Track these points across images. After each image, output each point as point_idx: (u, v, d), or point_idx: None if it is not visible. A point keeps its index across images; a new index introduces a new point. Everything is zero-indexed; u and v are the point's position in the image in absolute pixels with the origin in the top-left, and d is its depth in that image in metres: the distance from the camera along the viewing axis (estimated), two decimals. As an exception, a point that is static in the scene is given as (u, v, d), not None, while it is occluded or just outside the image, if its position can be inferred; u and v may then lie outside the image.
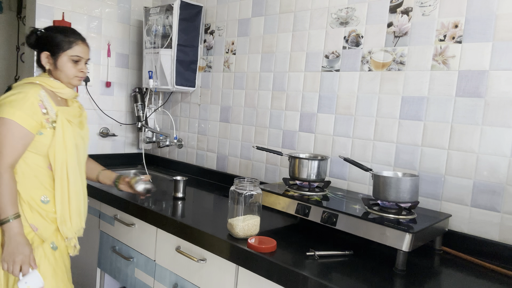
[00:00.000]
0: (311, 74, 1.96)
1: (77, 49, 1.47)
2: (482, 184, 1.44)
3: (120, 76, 2.77)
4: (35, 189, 1.41)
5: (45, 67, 1.46)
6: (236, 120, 2.32)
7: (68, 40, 1.45)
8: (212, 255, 1.47)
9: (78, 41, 1.47)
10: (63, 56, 1.44)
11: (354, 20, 1.80)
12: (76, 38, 1.47)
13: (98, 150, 2.71)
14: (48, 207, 1.43)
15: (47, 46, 1.44)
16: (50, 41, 1.44)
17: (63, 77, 1.47)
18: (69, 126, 1.45)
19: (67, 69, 1.46)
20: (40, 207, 1.41)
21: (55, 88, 1.47)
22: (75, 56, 1.46)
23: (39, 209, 1.41)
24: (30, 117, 1.34)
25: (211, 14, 2.48)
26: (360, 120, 1.78)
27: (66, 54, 1.45)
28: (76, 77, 1.49)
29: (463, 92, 1.49)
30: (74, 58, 1.46)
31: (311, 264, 1.24)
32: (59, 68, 1.45)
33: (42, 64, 1.47)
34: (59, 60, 1.44)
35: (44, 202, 1.42)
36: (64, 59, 1.45)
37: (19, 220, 1.34)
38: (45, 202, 1.43)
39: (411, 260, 1.33)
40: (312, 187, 1.66)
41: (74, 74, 1.48)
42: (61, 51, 1.44)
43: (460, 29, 1.49)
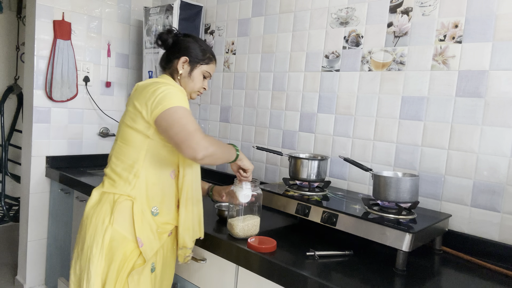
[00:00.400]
0: (311, 74, 1.96)
1: (211, 67, 1.47)
2: (482, 184, 1.44)
3: (120, 76, 2.77)
4: (149, 199, 1.32)
5: (177, 70, 1.41)
6: (236, 120, 2.32)
7: (208, 56, 1.45)
8: (212, 255, 1.47)
9: (214, 60, 1.48)
10: (199, 67, 1.43)
11: (354, 20, 1.80)
12: (213, 56, 1.48)
13: (98, 150, 2.71)
14: (157, 219, 1.34)
15: (187, 52, 1.41)
16: (191, 49, 1.42)
17: (189, 87, 1.43)
18: None
19: (198, 81, 1.44)
20: (151, 219, 1.32)
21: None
22: (208, 72, 1.46)
23: (150, 220, 1.32)
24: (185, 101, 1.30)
25: (211, 14, 2.48)
26: (360, 120, 1.78)
27: (202, 67, 1.44)
28: (198, 91, 1.47)
29: (463, 92, 1.49)
30: (206, 74, 1.46)
31: (311, 264, 1.24)
32: (192, 77, 1.42)
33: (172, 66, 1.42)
34: (195, 70, 1.43)
35: (153, 213, 1.33)
36: (199, 71, 1.43)
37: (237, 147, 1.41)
38: (155, 214, 1.33)
39: (411, 260, 1.33)
40: (312, 187, 1.66)
41: (198, 88, 1.46)
42: (199, 62, 1.43)
43: (460, 29, 1.49)
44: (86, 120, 2.63)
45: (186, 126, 1.21)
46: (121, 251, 1.27)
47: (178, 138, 1.20)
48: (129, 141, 1.31)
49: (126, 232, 1.28)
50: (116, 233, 1.27)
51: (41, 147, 2.44)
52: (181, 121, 1.21)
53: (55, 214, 2.49)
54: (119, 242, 1.27)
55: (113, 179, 1.32)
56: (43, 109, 2.42)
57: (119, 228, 1.27)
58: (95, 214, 1.31)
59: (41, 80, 2.40)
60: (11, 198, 3.73)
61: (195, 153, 1.18)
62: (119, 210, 1.28)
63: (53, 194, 2.50)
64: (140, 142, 1.30)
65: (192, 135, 1.19)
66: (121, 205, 1.28)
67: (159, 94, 1.25)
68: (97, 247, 1.26)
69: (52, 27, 2.40)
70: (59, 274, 2.43)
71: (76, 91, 2.52)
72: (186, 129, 1.20)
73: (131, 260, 1.28)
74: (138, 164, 1.30)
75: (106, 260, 1.26)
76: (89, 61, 2.60)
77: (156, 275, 1.37)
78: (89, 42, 2.58)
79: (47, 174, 2.47)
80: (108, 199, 1.31)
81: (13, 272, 2.88)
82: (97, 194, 1.35)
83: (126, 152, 1.32)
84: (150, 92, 1.27)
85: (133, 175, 1.30)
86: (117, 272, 1.26)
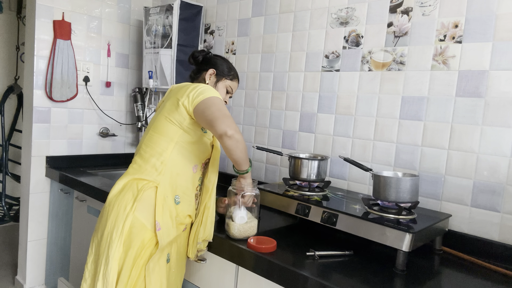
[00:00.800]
0: (311, 74, 1.96)
1: (234, 84, 1.62)
2: (482, 184, 1.44)
3: (120, 76, 2.77)
4: (173, 187, 1.39)
5: (205, 80, 1.56)
6: (236, 120, 2.32)
7: (233, 73, 1.61)
8: (212, 255, 1.47)
9: (237, 78, 1.64)
10: (224, 81, 1.58)
11: (354, 20, 1.80)
12: (237, 75, 1.64)
13: (98, 150, 2.71)
14: (178, 208, 1.39)
15: (215, 66, 1.57)
16: (219, 65, 1.59)
17: None
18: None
19: (221, 93, 1.57)
20: (173, 206, 1.38)
21: None
22: (230, 88, 1.60)
23: (172, 207, 1.37)
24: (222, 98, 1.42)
25: (211, 14, 2.48)
26: (360, 120, 1.78)
27: (226, 82, 1.59)
28: None
29: (463, 92, 1.49)
30: (229, 89, 1.60)
31: (311, 264, 1.24)
32: (217, 88, 1.57)
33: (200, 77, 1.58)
34: (220, 83, 1.57)
35: (176, 202, 1.39)
36: (223, 84, 1.58)
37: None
38: (177, 202, 1.40)
39: (411, 260, 1.33)
40: (312, 187, 1.66)
41: None
42: (225, 77, 1.58)
43: (460, 29, 1.49)
44: (86, 120, 2.63)
45: (223, 110, 1.32)
46: (140, 238, 1.30)
47: (214, 115, 1.29)
48: (162, 131, 1.39)
49: (145, 221, 1.32)
50: (137, 221, 1.31)
51: (41, 147, 2.44)
52: (219, 105, 1.33)
53: (55, 214, 2.49)
54: (138, 229, 1.31)
55: (140, 164, 1.40)
56: (43, 109, 2.42)
57: (139, 216, 1.32)
58: (117, 201, 1.36)
59: (41, 80, 2.40)
60: (11, 198, 3.73)
61: (227, 128, 1.27)
62: (142, 199, 1.33)
63: (53, 194, 2.50)
64: (173, 132, 1.38)
65: (227, 117, 1.31)
66: (144, 194, 1.33)
67: (200, 88, 1.38)
68: (117, 232, 1.30)
69: (52, 27, 2.40)
70: (59, 274, 2.44)
71: (76, 91, 2.52)
72: (223, 112, 1.31)
73: (148, 248, 1.32)
74: (166, 153, 1.37)
75: (124, 246, 1.30)
76: (89, 61, 2.60)
77: (171, 267, 1.41)
78: (89, 42, 2.58)
79: (47, 174, 2.47)
80: (131, 187, 1.36)
81: (13, 272, 2.88)
82: (121, 183, 1.40)
83: (157, 140, 1.39)
84: (191, 87, 1.39)
85: (160, 162, 1.37)
86: (134, 259, 1.30)
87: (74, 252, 2.29)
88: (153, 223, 1.32)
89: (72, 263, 2.31)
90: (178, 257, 1.44)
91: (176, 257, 1.43)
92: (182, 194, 1.41)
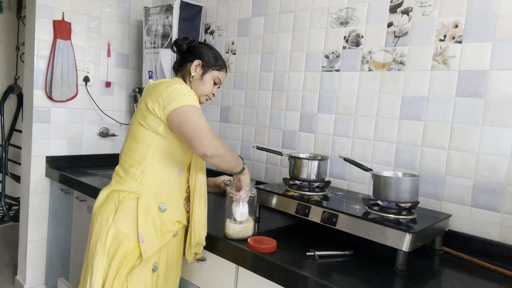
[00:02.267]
0: (311, 74, 1.96)
1: (222, 74, 1.51)
2: (482, 184, 1.44)
3: (120, 76, 2.77)
4: (157, 195, 1.34)
5: (190, 72, 1.45)
6: (236, 120, 2.32)
7: (220, 63, 1.49)
8: (212, 255, 1.47)
9: (225, 68, 1.53)
10: (211, 72, 1.47)
11: (354, 20, 1.80)
12: (225, 65, 1.53)
13: (98, 150, 2.71)
14: (164, 216, 1.35)
15: (200, 57, 1.46)
16: (204, 55, 1.47)
17: (200, 90, 1.46)
18: None
19: (208, 85, 1.47)
20: (157, 214, 1.33)
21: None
22: (218, 79, 1.50)
23: (155, 217, 1.33)
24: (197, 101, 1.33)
25: (211, 14, 2.48)
26: (360, 120, 1.78)
27: (213, 73, 1.47)
28: (207, 96, 1.49)
29: (463, 92, 1.49)
30: (216, 80, 1.49)
31: (311, 264, 1.24)
32: (203, 80, 1.46)
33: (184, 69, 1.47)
34: (206, 74, 1.46)
35: (161, 210, 1.35)
36: (210, 75, 1.47)
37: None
38: (162, 210, 1.35)
39: (411, 260, 1.33)
40: (312, 187, 1.66)
41: (208, 92, 1.48)
42: (211, 68, 1.47)
43: (460, 29, 1.49)
44: (86, 120, 2.63)
45: (199, 124, 1.25)
46: (122, 249, 1.29)
47: (191, 134, 1.23)
48: (138, 138, 1.34)
49: (128, 231, 1.30)
50: (119, 232, 1.30)
51: (41, 147, 2.44)
52: (194, 118, 1.25)
53: (55, 214, 2.49)
54: (121, 240, 1.29)
55: (120, 176, 1.36)
56: (43, 109, 2.42)
57: (122, 226, 1.30)
58: (100, 212, 1.34)
59: (41, 80, 2.39)
60: (11, 198, 3.73)
61: (206, 150, 1.22)
62: (123, 210, 1.31)
63: (53, 194, 2.50)
64: (149, 139, 1.32)
65: (205, 133, 1.24)
66: (125, 205, 1.31)
67: (172, 91, 1.29)
68: (100, 244, 1.29)
69: (52, 27, 2.40)
70: (59, 274, 2.43)
71: (76, 91, 2.52)
72: (200, 127, 1.24)
73: (132, 259, 1.30)
74: (145, 161, 1.33)
75: (108, 257, 1.29)
76: (89, 61, 2.60)
77: (159, 276, 1.38)
78: (89, 42, 2.58)
79: (47, 174, 2.47)
80: (113, 198, 1.34)
81: (13, 272, 2.88)
82: (104, 193, 1.38)
83: (135, 149, 1.34)
84: (162, 89, 1.31)
85: (140, 172, 1.33)
86: (117, 269, 1.29)
87: (74, 252, 2.29)
88: (136, 233, 1.30)
89: (72, 263, 2.31)
90: (168, 263, 1.41)
91: (165, 264, 1.39)
92: (168, 201, 1.37)
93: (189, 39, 1.50)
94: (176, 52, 1.51)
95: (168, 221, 1.36)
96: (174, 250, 1.43)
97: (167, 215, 1.36)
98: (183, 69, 1.47)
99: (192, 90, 1.41)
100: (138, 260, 1.31)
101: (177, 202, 1.40)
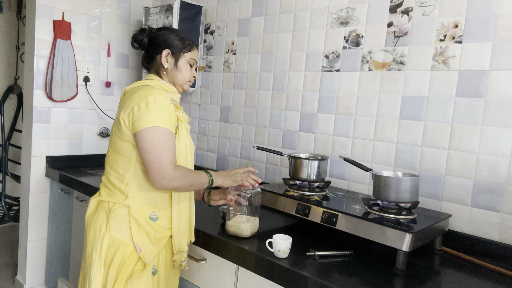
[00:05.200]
0: (311, 74, 1.96)
1: (195, 53, 1.41)
2: (482, 184, 1.44)
3: (120, 76, 2.77)
4: (146, 205, 1.30)
5: (162, 65, 1.37)
6: (236, 120, 2.32)
7: (188, 42, 1.39)
8: (212, 255, 1.47)
9: (195, 46, 1.43)
10: (183, 57, 1.38)
11: (354, 20, 1.80)
12: (193, 43, 1.42)
13: (98, 150, 2.71)
14: (156, 224, 1.31)
15: (167, 45, 1.36)
16: (170, 41, 1.37)
17: (179, 79, 1.38)
18: (186, 131, 1.36)
19: (185, 71, 1.39)
20: (148, 225, 1.30)
21: (170, 91, 1.36)
22: (193, 59, 1.40)
23: (147, 227, 1.30)
24: (173, 123, 1.27)
25: (211, 14, 2.48)
26: (360, 120, 1.78)
27: (185, 56, 1.38)
28: (189, 81, 1.41)
29: (463, 92, 1.49)
30: (191, 62, 1.40)
31: (311, 264, 1.24)
32: (179, 68, 1.37)
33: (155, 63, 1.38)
34: (180, 61, 1.37)
35: (152, 219, 1.31)
36: (184, 60, 1.38)
37: (210, 171, 1.35)
38: (154, 219, 1.31)
39: (411, 260, 1.33)
40: (312, 187, 1.66)
41: (188, 78, 1.40)
42: (182, 52, 1.37)
43: (460, 29, 1.49)
44: (86, 120, 2.63)
45: (160, 157, 1.21)
46: (119, 255, 1.27)
47: (149, 165, 1.21)
48: (119, 150, 1.30)
49: (123, 237, 1.28)
50: (114, 239, 1.28)
51: (41, 147, 2.44)
52: (157, 149, 1.21)
53: (55, 214, 2.49)
54: (117, 247, 1.28)
55: (109, 188, 1.33)
56: (43, 109, 2.42)
57: (116, 233, 1.28)
58: (93, 221, 1.32)
59: (41, 80, 2.39)
60: (11, 198, 3.73)
61: (156, 184, 1.22)
62: (114, 217, 1.29)
63: (53, 194, 2.50)
64: (129, 151, 1.28)
65: (162, 168, 1.21)
66: (116, 212, 1.29)
67: (144, 106, 1.22)
68: (96, 253, 1.27)
69: (52, 27, 2.40)
70: (59, 274, 2.43)
71: (76, 91, 2.52)
72: (159, 161, 1.21)
73: (130, 263, 1.28)
74: (129, 174, 1.29)
75: (105, 266, 1.28)
76: (89, 61, 2.60)
77: (159, 278, 1.36)
78: (89, 42, 2.58)
79: (47, 174, 2.47)
80: (104, 207, 1.32)
81: (13, 272, 2.88)
82: (94, 202, 1.36)
83: (117, 160, 1.31)
84: (135, 101, 1.24)
85: (125, 185, 1.29)
86: (116, 275, 1.27)
87: (74, 252, 2.29)
88: (131, 239, 1.28)
89: (72, 263, 2.31)
90: (168, 265, 1.39)
91: (164, 266, 1.37)
92: (159, 210, 1.33)
93: (147, 30, 1.40)
94: (139, 48, 1.41)
95: (161, 228, 1.33)
96: (171, 252, 1.40)
97: (160, 223, 1.33)
98: (154, 63, 1.39)
99: (171, 82, 1.38)
100: (137, 264, 1.29)
101: (167, 209, 1.35)
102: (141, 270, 1.29)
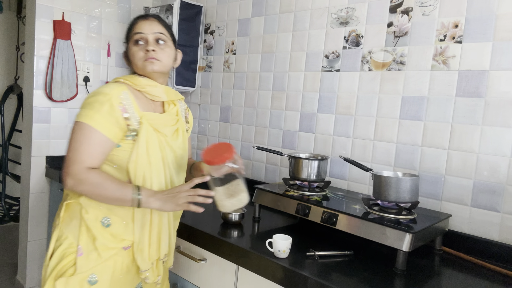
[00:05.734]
0: (311, 74, 1.96)
1: (137, 26, 1.26)
2: (482, 184, 1.44)
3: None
4: (99, 208, 1.20)
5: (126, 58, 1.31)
6: (236, 120, 2.32)
7: (129, 27, 1.28)
8: (212, 255, 1.47)
9: (137, 20, 1.28)
10: (129, 43, 1.27)
11: (354, 20, 1.80)
12: (137, 18, 1.28)
13: (98, 150, 2.71)
14: (106, 231, 1.20)
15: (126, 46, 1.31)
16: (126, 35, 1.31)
17: (135, 63, 1.27)
18: (155, 136, 1.22)
19: (135, 51, 1.25)
20: (97, 229, 1.19)
21: (139, 86, 1.25)
22: (135, 34, 1.25)
23: (95, 231, 1.19)
24: (108, 122, 1.15)
25: (211, 14, 2.48)
26: (360, 120, 1.78)
27: (130, 39, 1.27)
28: (145, 60, 1.24)
29: (463, 92, 1.49)
30: (136, 37, 1.24)
31: (311, 264, 1.24)
32: (130, 52, 1.26)
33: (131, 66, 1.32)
34: (129, 45, 1.27)
35: (104, 224, 1.20)
36: (132, 42, 1.26)
37: (144, 190, 1.16)
38: (106, 225, 1.20)
39: (411, 260, 1.33)
40: (312, 187, 1.66)
41: (140, 57, 1.25)
42: (127, 38, 1.29)
43: (460, 29, 1.49)
44: (86, 120, 2.62)
45: (74, 154, 1.13)
46: (61, 251, 1.20)
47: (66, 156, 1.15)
48: None
49: (70, 234, 1.21)
50: (62, 233, 1.22)
51: (41, 147, 2.44)
52: (74, 145, 1.14)
53: (55, 214, 2.48)
54: (61, 242, 1.21)
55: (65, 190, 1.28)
56: (43, 109, 2.42)
57: (65, 228, 1.22)
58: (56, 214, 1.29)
59: (41, 80, 2.39)
60: (11, 198, 3.73)
61: (63, 182, 1.15)
62: (67, 211, 1.23)
63: (53, 194, 2.50)
64: None
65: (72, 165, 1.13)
66: (69, 207, 1.23)
67: (86, 98, 1.19)
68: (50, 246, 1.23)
69: (52, 27, 2.40)
70: (59, 274, 2.43)
71: (76, 91, 2.52)
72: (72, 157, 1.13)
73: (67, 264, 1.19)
74: None
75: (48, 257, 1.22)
76: (89, 61, 2.60)
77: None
78: (89, 42, 2.58)
79: (47, 174, 2.47)
80: (64, 198, 1.27)
81: (13, 272, 2.88)
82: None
83: None
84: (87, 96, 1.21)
85: None
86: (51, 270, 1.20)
87: (74, 252, 2.29)
88: (77, 238, 1.19)
89: (72, 263, 2.31)
90: (115, 278, 1.23)
91: (110, 279, 1.21)
92: (113, 216, 1.20)
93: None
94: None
95: (112, 237, 1.20)
96: (124, 265, 1.24)
97: (111, 230, 1.20)
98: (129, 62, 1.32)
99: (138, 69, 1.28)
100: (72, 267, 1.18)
101: (124, 216, 1.21)
102: (70, 275, 1.17)
